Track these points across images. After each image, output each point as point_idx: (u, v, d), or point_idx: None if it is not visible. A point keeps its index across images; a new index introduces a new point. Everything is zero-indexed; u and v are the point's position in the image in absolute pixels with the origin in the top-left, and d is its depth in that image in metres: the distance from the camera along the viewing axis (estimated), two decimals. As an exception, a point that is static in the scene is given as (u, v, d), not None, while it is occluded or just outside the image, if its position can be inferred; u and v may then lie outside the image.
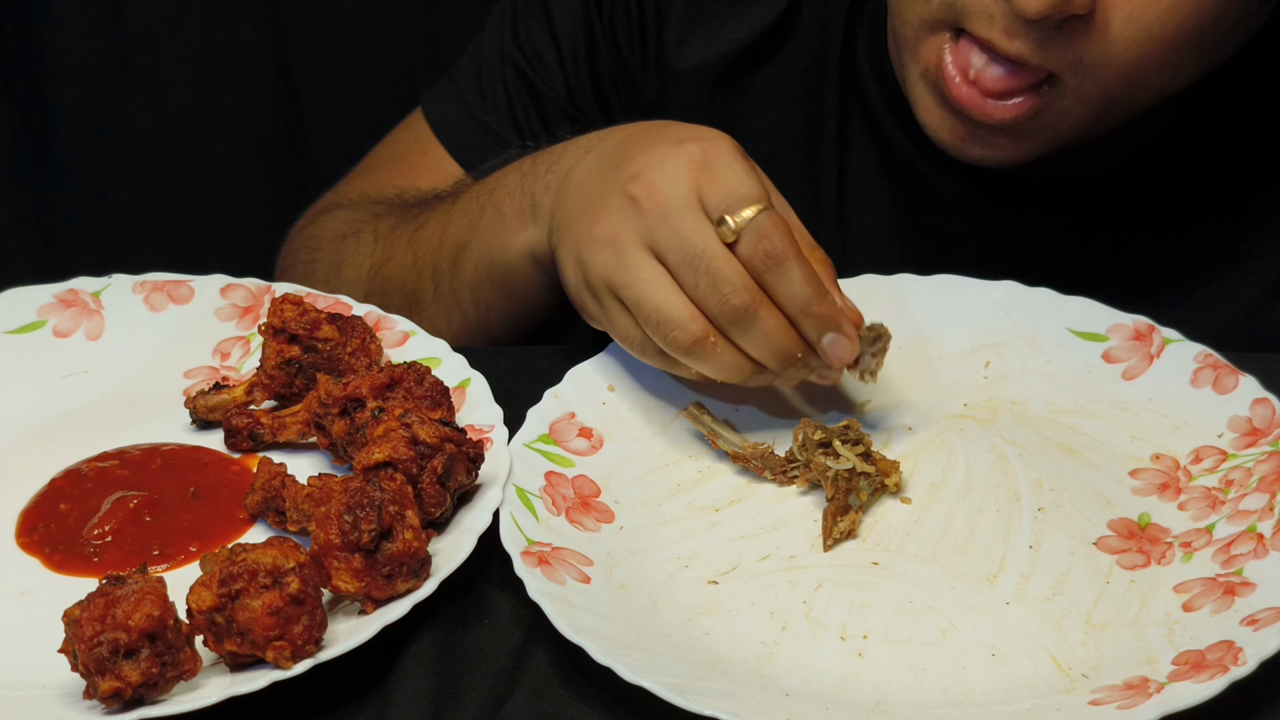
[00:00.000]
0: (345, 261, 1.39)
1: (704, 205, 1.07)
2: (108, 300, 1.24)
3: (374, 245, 1.38)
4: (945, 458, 1.14)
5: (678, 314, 1.07)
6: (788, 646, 1.01)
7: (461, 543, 1.03)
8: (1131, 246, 1.33)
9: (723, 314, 1.06)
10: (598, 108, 1.41)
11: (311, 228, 1.48)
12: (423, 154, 1.46)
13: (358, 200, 1.46)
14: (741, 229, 1.06)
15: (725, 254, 1.06)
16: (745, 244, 1.06)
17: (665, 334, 1.07)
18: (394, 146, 1.51)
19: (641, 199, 1.08)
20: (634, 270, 1.07)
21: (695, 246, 1.06)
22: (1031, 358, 1.21)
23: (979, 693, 0.98)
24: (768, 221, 1.06)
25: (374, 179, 1.48)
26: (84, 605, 0.94)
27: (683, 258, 1.06)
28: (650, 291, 1.07)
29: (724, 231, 1.06)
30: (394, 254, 1.35)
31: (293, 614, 0.95)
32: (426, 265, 1.32)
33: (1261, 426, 1.12)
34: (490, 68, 1.45)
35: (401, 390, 1.09)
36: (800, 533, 1.09)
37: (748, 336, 1.07)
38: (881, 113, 1.35)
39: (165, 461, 1.13)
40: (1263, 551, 1.05)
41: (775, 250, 1.06)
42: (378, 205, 1.43)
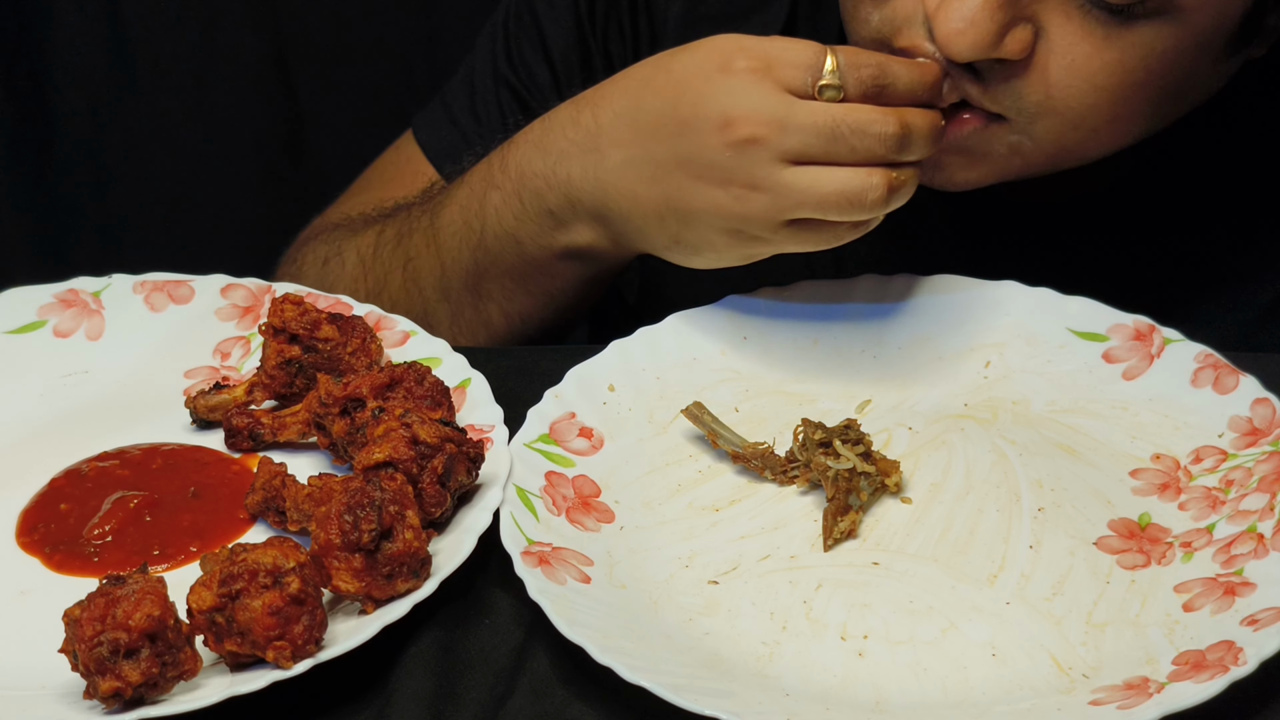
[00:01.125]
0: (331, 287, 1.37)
1: (797, 93, 1.09)
2: (108, 300, 1.24)
3: (359, 268, 1.36)
4: (945, 458, 1.14)
5: (859, 183, 1.08)
6: (788, 646, 1.01)
7: (462, 542, 1.03)
8: (1126, 266, 1.33)
9: (889, 150, 1.08)
10: None
11: (298, 257, 1.46)
12: (414, 176, 1.44)
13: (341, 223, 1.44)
14: (837, 82, 1.08)
15: (848, 108, 1.08)
16: (851, 88, 1.09)
17: (862, 204, 1.08)
18: (384, 169, 1.49)
19: (752, 135, 1.09)
20: (796, 186, 1.09)
21: (825, 125, 1.08)
22: (1032, 357, 1.21)
23: (979, 693, 0.98)
24: (845, 59, 1.09)
25: (362, 201, 1.46)
26: (84, 605, 0.94)
27: (825, 142, 1.08)
28: (825, 188, 1.09)
29: (831, 95, 1.08)
30: (388, 285, 1.33)
31: (293, 614, 0.95)
32: (432, 292, 1.30)
33: (1262, 426, 1.12)
34: (484, 89, 1.44)
35: (402, 390, 1.09)
36: (800, 533, 1.09)
37: (913, 147, 1.10)
38: None
39: (165, 461, 1.13)
40: (1263, 551, 1.05)
41: (873, 70, 1.09)
42: (355, 222, 1.41)
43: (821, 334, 1.22)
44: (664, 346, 1.20)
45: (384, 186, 1.46)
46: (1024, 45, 1.11)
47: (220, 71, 1.99)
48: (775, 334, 1.22)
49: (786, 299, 1.23)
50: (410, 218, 1.33)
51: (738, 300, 1.23)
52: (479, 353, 1.19)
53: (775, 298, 1.23)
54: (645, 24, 1.38)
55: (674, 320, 1.22)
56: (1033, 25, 1.11)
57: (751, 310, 1.23)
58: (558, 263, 1.23)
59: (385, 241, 1.34)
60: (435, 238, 1.29)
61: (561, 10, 1.40)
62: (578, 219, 1.20)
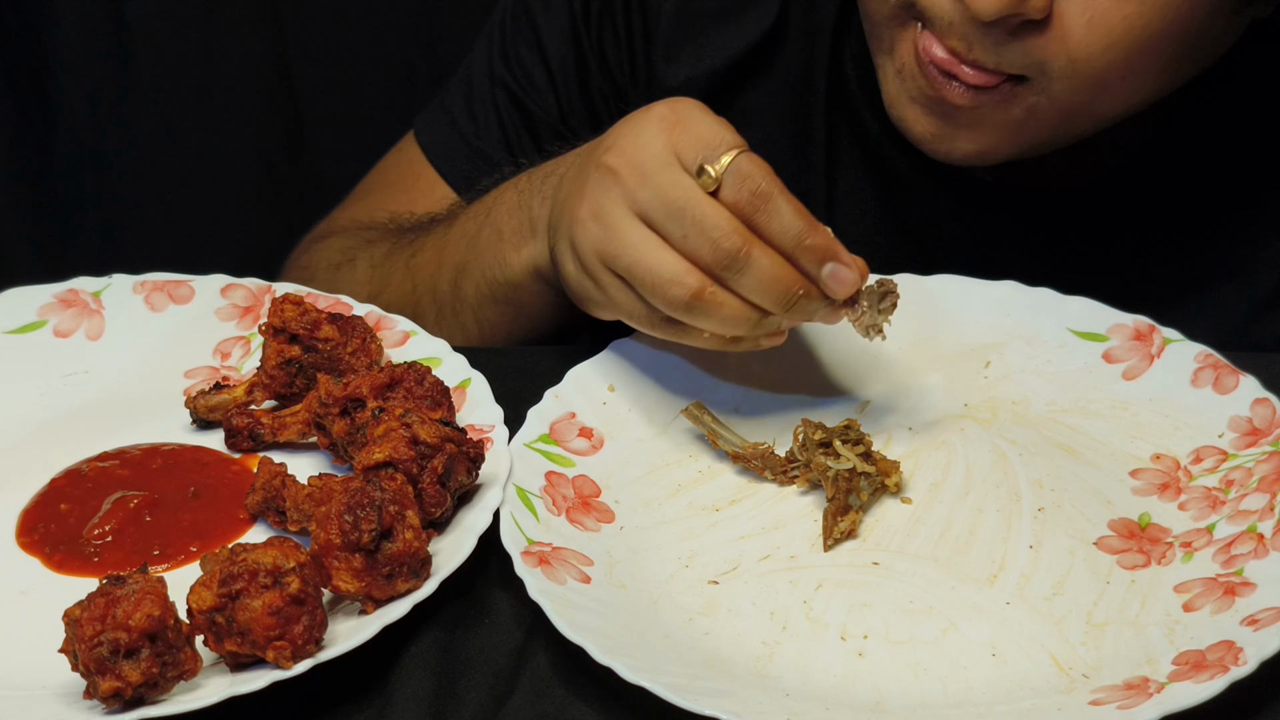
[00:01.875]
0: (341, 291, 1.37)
1: (681, 160, 1.07)
2: (108, 300, 1.24)
3: (370, 273, 1.37)
4: (945, 458, 1.14)
5: (671, 270, 1.06)
6: (788, 646, 1.01)
7: (462, 542, 1.03)
8: (1125, 255, 1.33)
9: (716, 260, 1.05)
10: (590, 126, 1.40)
11: (305, 259, 1.47)
12: (416, 179, 1.45)
13: (351, 227, 1.45)
14: (722, 175, 1.05)
15: (709, 201, 1.05)
16: (728, 188, 1.06)
17: (664, 294, 1.06)
18: (387, 172, 1.50)
19: (618, 167, 1.07)
20: (622, 237, 1.07)
21: (677, 200, 1.05)
22: (1032, 358, 1.21)
23: (979, 693, 0.98)
24: (748, 163, 1.06)
25: (367, 204, 1.47)
26: (84, 605, 0.94)
27: (667, 213, 1.06)
28: (641, 255, 1.06)
29: (705, 181, 1.06)
30: (391, 281, 1.35)
31: (293, 614, 0.95)
32: (425, 290, 1.32)
33: (1262, 426, 1.12)
34: (481, 91, 1.44)
35: (402, 390, 1.09)
36: (800, 533, 1.09)
37: (745, 279, 1.05)
38: (869, 123, 1.34)
39: (166, 461, 1.13)
40: (1263, 551, 1.05)
41: (760, 189, 1.05)
42: (370, 231, 1.42)
43: (821, 334, 1.22)
44: (664, 346, 1.20)
45: (387, 189, 1.47)
46: (1047, 1, 1.11)
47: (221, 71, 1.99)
48: (775, 334, 1.22)
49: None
50: (432, 225, 1.36)
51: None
52: (479, 353, 1.19)
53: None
54: (639, 23, 1.38)
55: (674, 320, 1.22)
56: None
57: (751, 310, 1.23)
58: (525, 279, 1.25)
59: (399, 250, 1.36)
60: (445, 237, 1.31)
61: (557, 11, 1.41)
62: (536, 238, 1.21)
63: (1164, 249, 1.33)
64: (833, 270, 1.07)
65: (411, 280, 1.33)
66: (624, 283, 1.08)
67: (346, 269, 1.39)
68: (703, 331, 1.09)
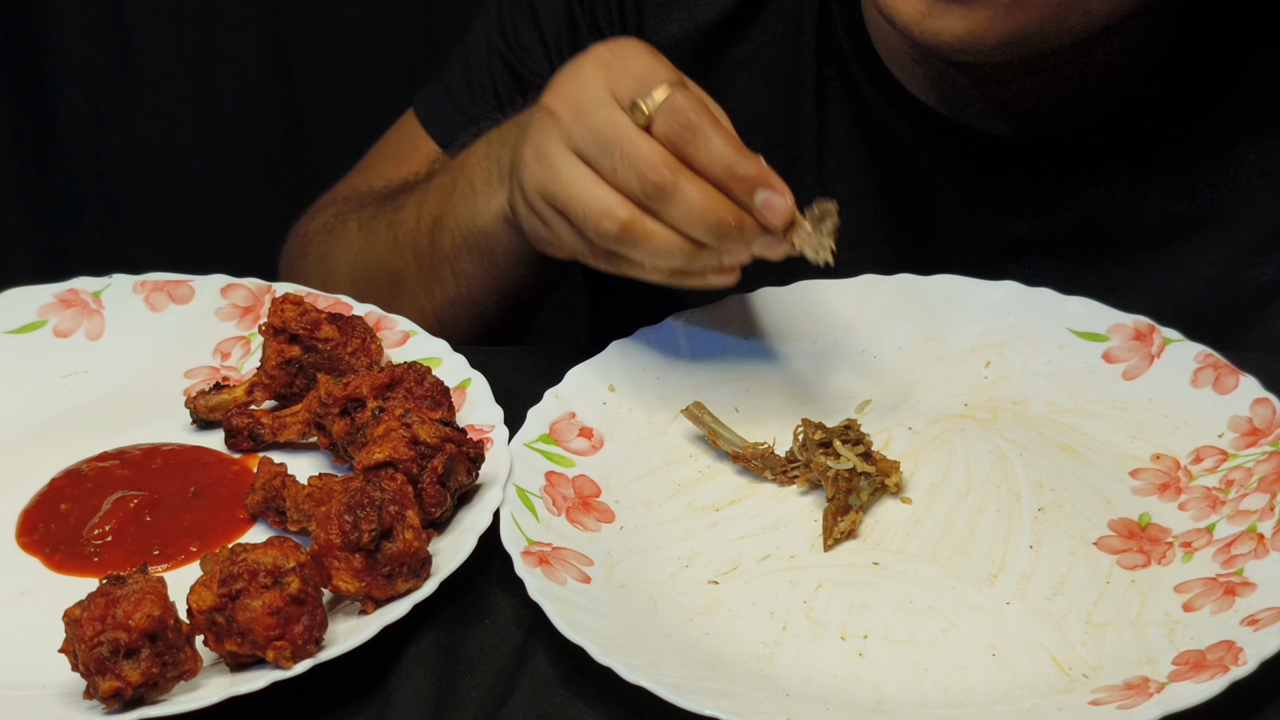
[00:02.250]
0: (332, 252, 1.42)
1: (616, 96, 1.07)
2: (108, 300, 1.24)
3: (358, 231, 1.40)
4: (946, 458, 1.14)
5: (602, 202, 1.06)
6: (788, 646, 1.01)
7: (462, 543, 1.03)
8: (1111, 206, 1.33)
9: (645, 191, 1.06)
10: None
11: (304, 227, 1.50)
12: (414, 150, 1.47)
13: (350, 196, 1.48)
14: (654, 111, 1.06)
15: (639, 134, 1.06)
16: (660, 123, 1.06)
17: (595, 225, 1.07)
18: (387, 146, 1.53)
19: (556, 107, 1.08)
20: (559, 172, 1.08)
21: (609, 135, 1.06)
22: (1032, 358, 1.21)
23: (979, 693, 0.98)
24: (680, 98, 1.06)
25: (367, 176, 1.50)
26: (84, 605, 0.94)
27: (599, 149, 1.06)
28: (574, 189, 1.07)
29: (637, 116, 1.06)
30: (376, 238, 1.37)
31: (293, 614, 0.95)
32: (406, 244, 1.33)
33: (1262, 426, 1.12)
34: (478, 63, 1.47)
35: (402, 390, 1.09)
36: (800, 533, 1.09)
37: (674, 210, 1.06)
38: (858, 75, 1.35)
39: (166, 461, 1.13)
40: (1263, 551, 1.05)
41: (689, 122, 1.06)
42: (365, 197, 1.45)
43: (821, 334, 1.22)
44: (664, 346, 1.20)
45: (387, 161, 1.50)
46: None
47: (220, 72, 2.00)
48: (775, 334, 1.22)
49: (786, 299, 1.23)
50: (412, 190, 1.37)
51: (737, 300, 1.23)
52: (479, 353, 1.19)
53: (775, 298, 1.23)
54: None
55: (674, 320, 1.22)
56: None
57: (751, 310, 1.23)
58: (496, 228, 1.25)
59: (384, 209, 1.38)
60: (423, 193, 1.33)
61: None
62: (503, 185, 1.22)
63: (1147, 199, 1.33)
64: (765, 199, 1.07)
65: (394, 236, 1.34)
66: (565, 218, 1.09)
67: (339, 231, 1.42)
68: (641, 264, 1.09)
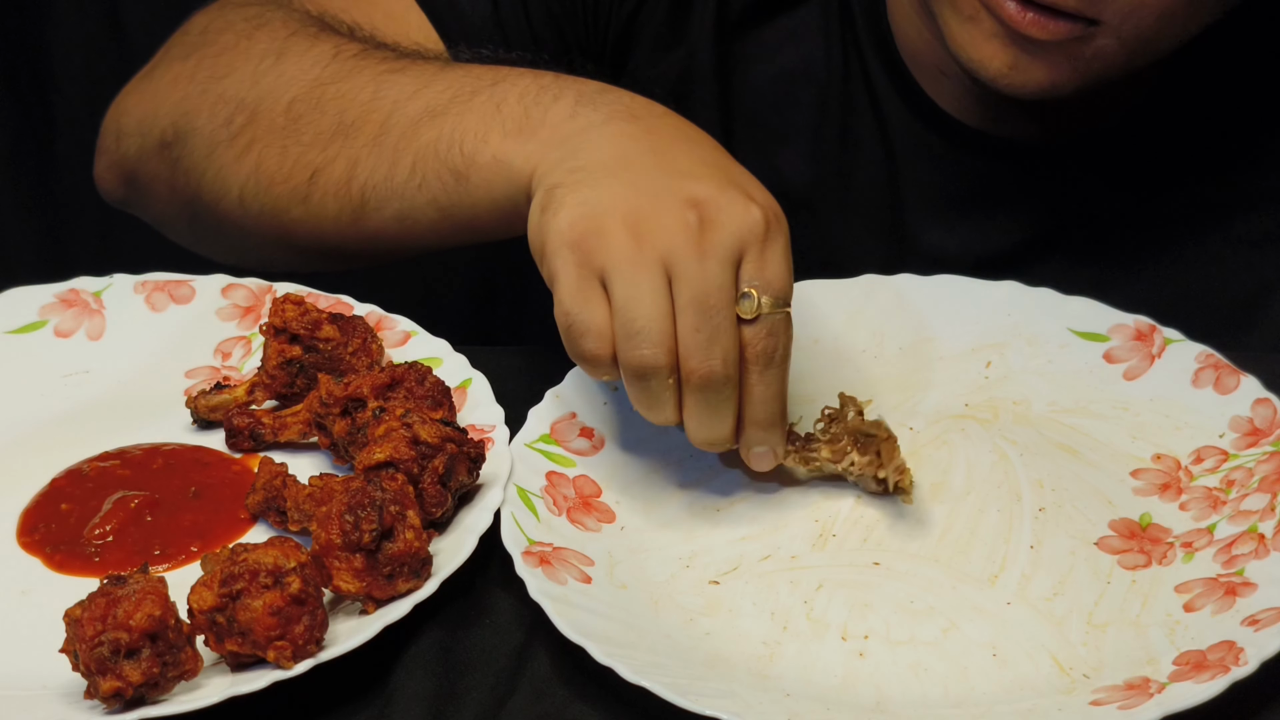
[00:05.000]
0: (290, 53, 1.25)
1: (739, 272, 1.03)
2: (109, 300, 1.24)
3: (331, 60, 1.23)
4: (946, 458, 1.14)
5: (660, 336, 1.01)
6: (789, 646, 1.01)
7: (463, 543, 1.03)
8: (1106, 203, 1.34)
9: (699, 370, 1.02)
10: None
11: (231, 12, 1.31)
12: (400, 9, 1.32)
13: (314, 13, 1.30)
14: (760, 315, 1.03)
15: (735, 321, 1.03)
16: (756, 330, 1.03)
17: (636, 344, 1.02)
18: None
19: (694, 227, 1.02)
20: (645, 273, 1.02)
21: (717, 300, 1.02)
22: (1033, 358, 1.21)
23: (980, 693, 0.98)
24: (784, 324, 1.04)
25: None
26: (85, 605, 0.94)
27: (699, 301, 1.01)
28: (648, 301, 1.01)
29: (744, 306, 1.03)
30: (352, 79, 1.21)
31: (294, 614, 0.95)
32: (383, 108, 1.19)
33: (1263, 426, 1.12)
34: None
35: (403, 390, 1.09)
36: (801, 533, 1.09)
37: (700, 401, 1.03)
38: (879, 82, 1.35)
39: (166, 461, 1.13)
40: (1264, 552, 1.05)
41: (776, 352, 1.04)
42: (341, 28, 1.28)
43: (821, 334, 1.22)
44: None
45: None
46: None
47: (220, 71, 1.99)
48: (776, 334, 1.22)
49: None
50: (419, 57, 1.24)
51: (738, 300, 1.23)
52: (480, 352, 1.19)
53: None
54: None
55: (675, 320, 1.22)
56: None
57: (752, 310, 1.23)
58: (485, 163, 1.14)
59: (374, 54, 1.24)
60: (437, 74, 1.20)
61: None
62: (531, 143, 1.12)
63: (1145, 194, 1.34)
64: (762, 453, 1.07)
65: (374, 91, 1.19)
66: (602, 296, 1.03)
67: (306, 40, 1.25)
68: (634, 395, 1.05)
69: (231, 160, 1.24)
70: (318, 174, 1.20)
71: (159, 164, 1.31)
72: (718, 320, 1.02)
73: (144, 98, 1.33)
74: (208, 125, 1.26)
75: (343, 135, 1.19)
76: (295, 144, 1.22)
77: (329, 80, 1.22)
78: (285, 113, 1.22)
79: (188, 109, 1.28)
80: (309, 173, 1.21)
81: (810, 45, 1.36)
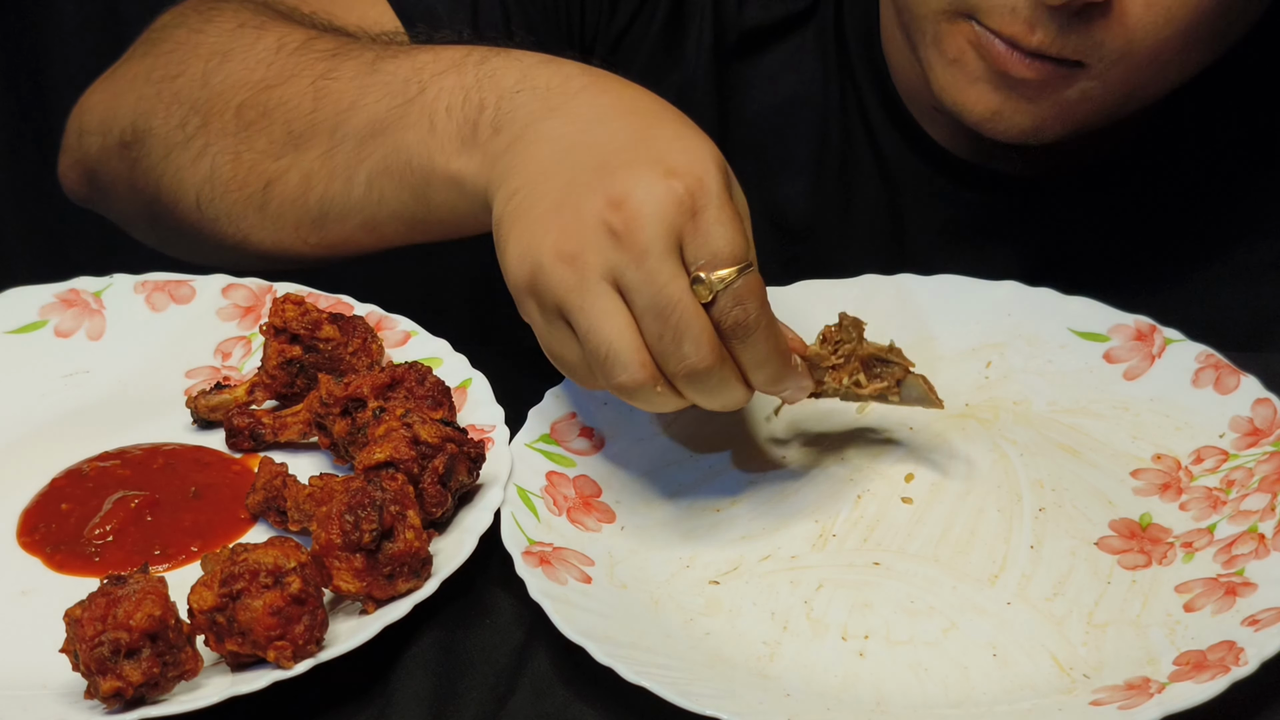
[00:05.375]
0: (235, 52, 1.23)
1: (683, 253, 1.00)
2: (109, 300, 1.24)
3: (275, 56, 1.21)
4: (946, 457, 1.14)
5: (630, 357, 1.00)
6: (789, 646, 1.01)
7: (463, 542, 1.03)
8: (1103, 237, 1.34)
9: (680, 371, 1.00)
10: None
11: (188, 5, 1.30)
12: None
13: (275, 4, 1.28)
14: (718, 290, 1.00)
15: (697, 310, 1.00)
16: (720, 306, 1.00)
17: (610, 373, 1.00)
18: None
19: (620, 231, 0.99)
20: (594, 300, 0.99)
21: (668, 298, 0.99)
22: (1033, 358, 1.21)
23: (980, 693, 0.98)
24: (745, 286, 1.00)
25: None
26: (85, 605, 0.94)
27: (652, 306, 0.99)
28: (606, 327, 0.99)
29: (699, 290, 1.00)
30: (292, 84, 1.19)
31: (294, 614, 0.95)
32: (326, 122, 1.17)
33: (1263, 426, 1.12)
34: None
35: (403, 390, 1.09)
36: (801, 533, 1.09)
37: (696, 389, 1.02)
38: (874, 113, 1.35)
39: (166, 461, 1.13)
40: (1264, 552, 1.05)
41: (748, 319, 1.01)
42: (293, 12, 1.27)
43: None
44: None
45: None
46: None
47: (220, 71, 1.99)
48: (776, 334, 1.22)
49: (787, 299, 1.23)
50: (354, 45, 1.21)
51: (739, 300, 1.23)
52: (480, 352, 1.19)
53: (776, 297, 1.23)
54: None
55: (675, 320, 1.21)
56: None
57: (752, 310, 1.23)
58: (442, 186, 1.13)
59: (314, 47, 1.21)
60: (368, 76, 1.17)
61: None
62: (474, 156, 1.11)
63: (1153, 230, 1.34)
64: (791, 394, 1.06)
65: (314, 99, 1.18)
66: (572, 333, 1.02)
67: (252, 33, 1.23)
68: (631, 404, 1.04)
69: (188, 163, 1.24)
70: (272, 184, 1.20)
71: (119, 164, 1.30)
72: (678, 317, 0.99)
73: (106, 96, 1.31)
74: (163, 127, 1.25)
75: (293, 147, 1.18)
76: (248, 150, 1.21)
77: (273, 82, 1.20)
78: (235, 118, 1.21)
79: (145, 109, 1.27)
80: (263, 182, 1.20)
81: (809, 73, 1.36)
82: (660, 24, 1.35)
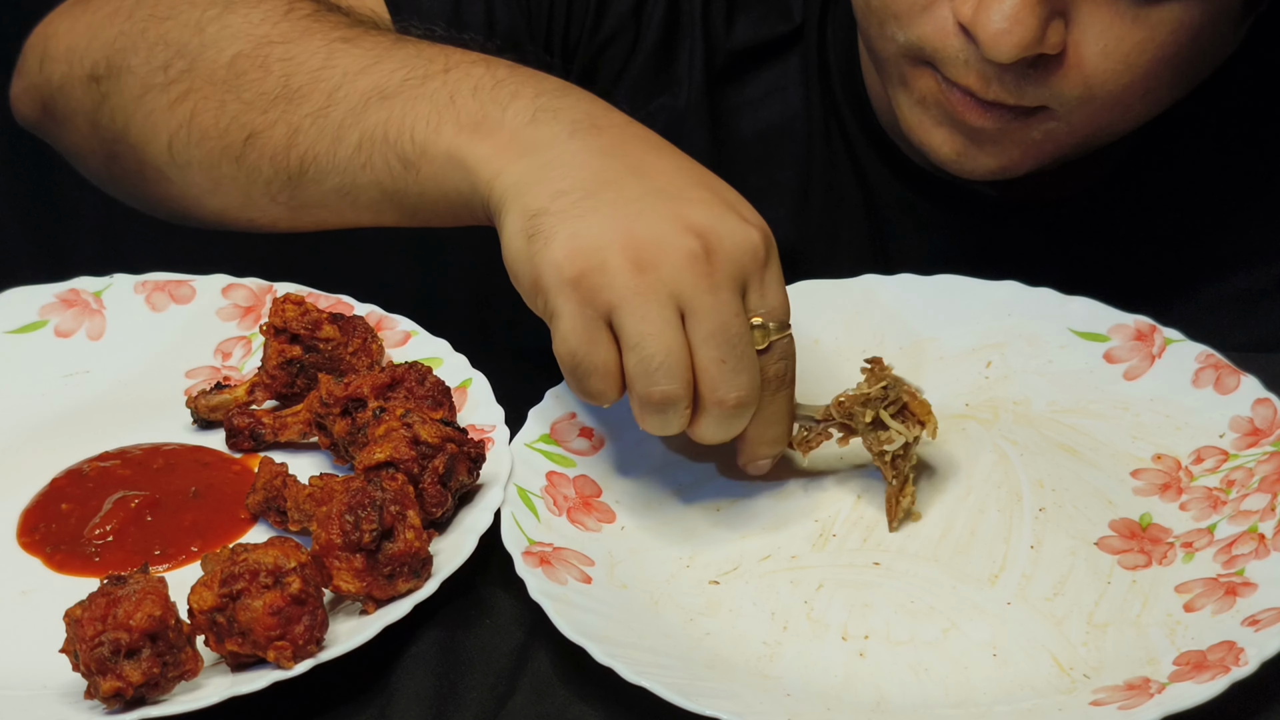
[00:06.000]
0: (238, 5, 1.20)
1: (746, 299, 1.03)
2: (109, 300, 1.24)
3: (283, 17, 1.19)
4: (947, 457, 1.14)
5: (680, 371, 1.01)
6: (789, 646, 1.01)
7: (463, 543, 1.03)
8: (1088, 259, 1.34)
9: (728, 400, 1.02)
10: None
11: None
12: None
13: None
14: (774, 340, 1.04)
15: (754, 348, 1.03)
16: (771, 354, 1.04)
17: (656, 379, 1.00)
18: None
19: (700, 258, 1.01)
20: (658, 310, 1.00)
21: (736, 330, 1.02)
22: (1033, 358, 1.21)
23: (980, 693, 0.98)
24: (790, 347, 1.06)
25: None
26: (85, 605, 0.94)
27: (719, 332, 1.01)
28: (666, 335, 1.00)
29: (757, 334, 1.03)
30: (302, 43, 1.17)
31: (294, 614, 0.95)
32: (331, 79, 1.15)
33: (1263, 426, 1.12)
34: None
35: (403, 390, 1.09)
36: (801, 533, 1.09)
37: (718, 421, 1.04)
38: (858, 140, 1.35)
39: (167, 461, 1.13)
40: (1264, 552, 1.05)
41: (786, 376, 1.06)
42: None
43: (822, 334, 1.22)
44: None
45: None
46: (1061, 37, 1.12)
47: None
48: (776, 334, 1.22)
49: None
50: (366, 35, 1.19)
51: (738, 300, 1.23)
52: (480, 352, 1.19)
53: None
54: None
55: (675, 320, 1.22)
56: (1062, 16, 1.12)
57: (752, 310, 1.23)
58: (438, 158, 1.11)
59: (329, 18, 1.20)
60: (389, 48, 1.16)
61: None
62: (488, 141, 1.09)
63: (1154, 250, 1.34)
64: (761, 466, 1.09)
65: (324, 60, 1.16)
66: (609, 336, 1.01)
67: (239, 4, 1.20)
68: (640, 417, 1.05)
69: (164, 107, 1.21)
70: (255, 136, 1.18)
71: (84, 96, 1.27)
72: (740, 350, 1.02)
73: (77, 25, 1.28)
74: (143, 67, 1.22)
75: (285, 100, 1.16)
76: (234, 101, 1.18)
77: (278, 39, 1.18)
78: (228, 67, 1.18)
79: (123, 45, 1.24)
80: (245, 133, 1.18)
81: (794, 98, 1.36)
82: (651, 45, 1.35)
